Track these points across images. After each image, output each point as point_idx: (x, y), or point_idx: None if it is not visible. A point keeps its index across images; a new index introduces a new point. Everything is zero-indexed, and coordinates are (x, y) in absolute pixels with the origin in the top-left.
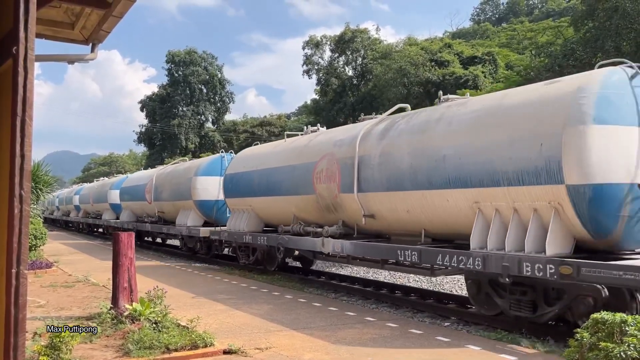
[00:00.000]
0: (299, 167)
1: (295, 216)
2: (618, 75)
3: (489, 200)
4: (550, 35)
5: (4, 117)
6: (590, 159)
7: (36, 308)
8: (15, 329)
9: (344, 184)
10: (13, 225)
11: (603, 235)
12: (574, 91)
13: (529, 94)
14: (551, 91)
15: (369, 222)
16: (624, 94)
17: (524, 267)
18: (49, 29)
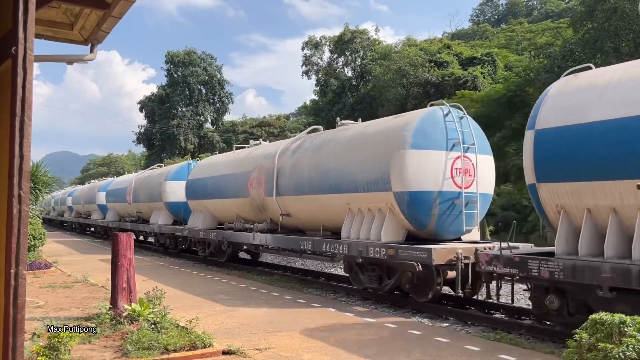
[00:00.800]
0: (239, 175)
1: (238, 215)
2: (434, 113)
3: (354, 202)
4: (549, 36)
5: (3, 117)
6: (407, 174)
7: (35, 309)
8: (14, 329)
9: (268, 189)
10: (12, 225)
11: (422, 228)
12: (402, 125)
13: (380, 125)
14: (392, 123)
15: (286, 220)
16: (437, 127)
17: (369, 251)
18: (48, 29)
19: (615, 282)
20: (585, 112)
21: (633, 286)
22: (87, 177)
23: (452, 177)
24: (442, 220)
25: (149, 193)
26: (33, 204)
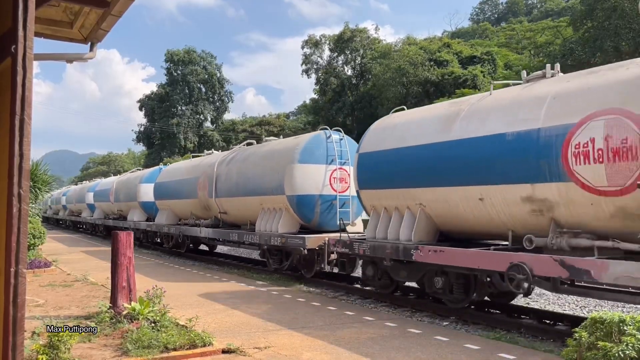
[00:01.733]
0: (191, 179)
1: (191, 213)
2: (318, 136)
3: (264, 203)
4: (549, 35)
5: (2, 116)
6: (295, 182)
7: (35, 307)
8: (14, 328)
9: (210, 192)
10: (12, 224)
11: (308, 222)
12: (295, 144)
13: (283, 144)
14: (289, 143)
15: (224, 216)
16: (320, 147)
17: (272, 240)
18: (47, 28)
19: (392, 255)
20: (383, 142)
21: (400, 257)
22: (86, 176)
23: (330, 184)
24: (323, 216)
25: (127, 193)
26: (33, 202)
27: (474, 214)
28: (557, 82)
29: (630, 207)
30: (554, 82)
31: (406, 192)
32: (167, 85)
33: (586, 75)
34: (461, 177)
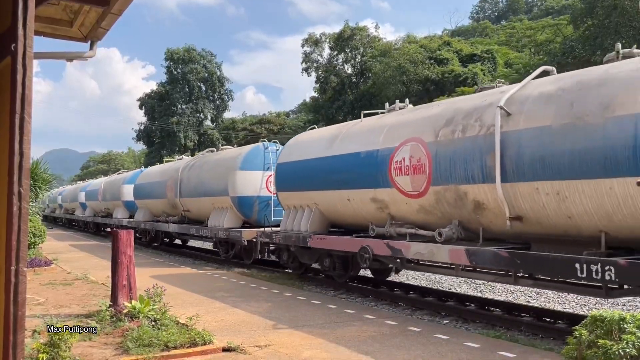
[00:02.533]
0: (162, 182)
1: (163, 211)
2: (257, 147)
3: (215, 202)
4: (549, 33)
5: (2, 114)
6: (237, 185)
7: (35, 306)
8: (15, 326)
9: (175, 192)
10: (12, 222)
11: (249, 218)
12: (237, 154)
13: (229, 153)
14: (233, 153)
15: (187, 214)
16: (258, 156)
17: (219, 233)
18: (47, 27)
19: (296, 242)
20: (293, 155)
21: (301, 244)
22: (87, 175)
23: (266, 187)
24: (261, 214)
25: (113, 193)
26: (33, 201)
27: (346, 211)
28: (396, 115)
29: (425, 205)
30: (395, 114)
31: (306, 194)
32: (167, 83)
33: (409, 112)
34: (337, 183)
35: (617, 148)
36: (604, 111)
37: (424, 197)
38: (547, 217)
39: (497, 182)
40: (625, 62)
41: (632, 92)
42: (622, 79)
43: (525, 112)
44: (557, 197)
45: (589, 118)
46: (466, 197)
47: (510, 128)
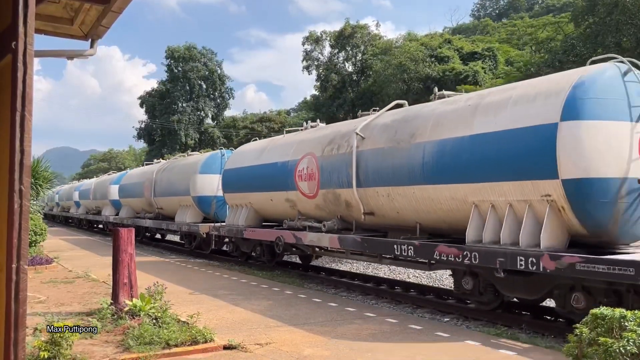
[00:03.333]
0: (140, 182)
1: (142, 208)
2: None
3: (179, 202)
4: (550, 31)
5: (3, 112)
6: (197, 186)
7: (36, 304)
8: (16, 324)
9: (150, 192)
10: (13, 220)
11: (208, 214)
12: (198, 160)
13: (191, 159)
14: (193, 159)
15: (161, 211)
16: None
17: (183, 227)
18: (48, 25)
19: (236, 235)
20: (235, 163)
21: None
22: (87, 173)
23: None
24: (218, 211)
25: (102, 192)
26: (34, 199)
27: (271, 209)
28: (305, 132)
29: (318, 204)
30: (305, 132)
31: (243, 195)
32: (167, 82)
33: (314, 131)
34: (264, 186)
35: (415, 164)
36: (410, 138)
37: (316, 198)
38: (386, 212)
39: (354, 187)
40: (431, 103)
41: (425, 125)
42: (423, 116)
43: (371, 137)
44: (388, 198)
45: (403, 143)
46: (340, 198)
47: (362, 148)
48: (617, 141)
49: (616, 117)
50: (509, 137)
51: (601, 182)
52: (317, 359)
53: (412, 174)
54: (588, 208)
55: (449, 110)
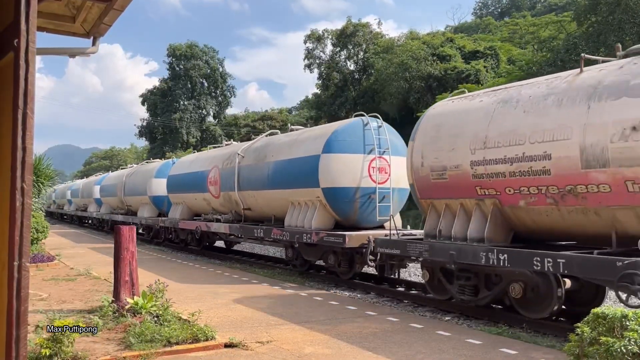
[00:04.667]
0: (115, 184)
1: (117, 206)
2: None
3: (140, 200)
4: (552, 29)
5: (5, 110)
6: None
7: (38, 301)
8: (17, 321)
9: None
10: (15, 218)
11: (161, 210)
12: (154, 166)
13: (149, 165)
14: (150, 166)
15: (129, 208)
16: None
17: (142, 221)
18: (50, 22)
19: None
20: (178, 170)
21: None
22: (89, 171)
23: None
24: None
25: (88, 192)
26: (36, 197)
27: (197, 205)
28: (216, 150)
29: (221, 202)
30: (217, 150)
31: (180, 195)
32: (169, 79)
33: (224, 148)
34: (191, 189)
35: (265, 176)
36: (265, 159)
37: (219, 198)
38: (256, 207)
39: (236, 190)
40: (281, 135)
41: (271, 151)
42: (272, 144)
43: (247, 156)
44: (256, 198)
45: (261, 162)
46: (231, 198)
47: (242, 164)
48: (353, 165)
49: (354, 150)
50: (302, 161)
51: (343, 189)
52: (318, 357)
53: (264, 183)
54: (339, 205)
55: (284, 141)
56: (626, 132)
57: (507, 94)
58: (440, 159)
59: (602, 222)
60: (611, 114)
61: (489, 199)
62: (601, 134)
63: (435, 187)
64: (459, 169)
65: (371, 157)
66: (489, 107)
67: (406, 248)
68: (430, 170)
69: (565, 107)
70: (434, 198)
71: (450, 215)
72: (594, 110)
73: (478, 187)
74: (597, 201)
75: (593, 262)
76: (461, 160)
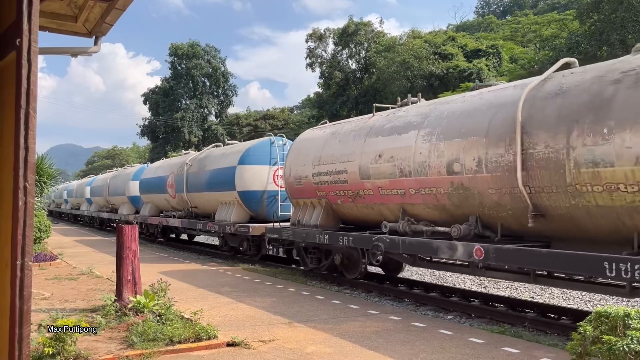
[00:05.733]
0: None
1: (103, 205)
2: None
3: (120, 199)
4: (555, 28)
5: (7, 109)
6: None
7: (41, 300)
8: (20, 320)
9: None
10: (17, 217)
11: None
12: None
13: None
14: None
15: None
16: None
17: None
18: (52, 22)
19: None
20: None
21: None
22: (91, 170)
23: None
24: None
25: (81, 192)
26: (38, 196)
27: (162, 204)
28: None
29: (177, 201)
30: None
31: (147, 196)
32: (171, 79)
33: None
34: (155, 190)
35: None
36: (204, 167)
37: (175, 199)
38: (200, 206)
39: (185, 192)
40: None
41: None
42: (210, 156)
43: (193, 165)
44: (199, 198)
45: (201, 170)
46: (183, 198)
47: (190, 171)
48: (261, 174)
49: (262, 163)
50: (226, 170)
51: (253, 192)
52: (320, 356)
53: (203, 186)
54: (250, 204)
55: (216, 154)
56: (376, 157)
57: (335, 128)
58: (298, 172)
59: (375, 213)
60: (372, 146)
61: (323, 198)
62: (368, 158)
63: (297, 190)
64: (307, 178)
65: (275, 168)
66: (325, 136)
67: (281, 233)
68: (294, 179)
69: (355, 140)
70: (296, 198)
71: (305, 210)
72: (367, 143)
73: (317, 191)
74: (369, 200)
75: (361, 238)
76: (308, 172)
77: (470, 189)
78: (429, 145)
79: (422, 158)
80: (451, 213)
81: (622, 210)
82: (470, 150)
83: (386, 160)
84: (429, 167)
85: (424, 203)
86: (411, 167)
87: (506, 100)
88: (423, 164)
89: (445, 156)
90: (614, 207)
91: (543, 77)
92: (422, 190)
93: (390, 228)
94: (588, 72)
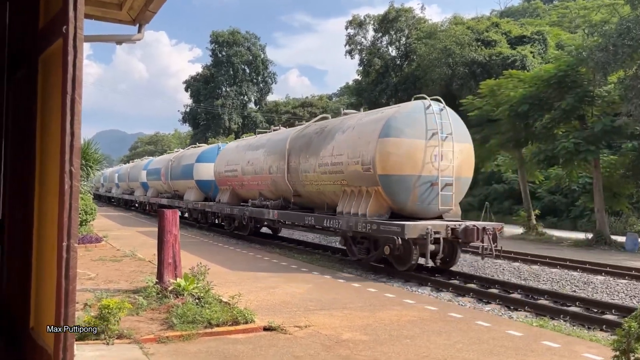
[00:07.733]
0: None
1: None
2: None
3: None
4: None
5: (54, 96)
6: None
7: (87, 280)
8: (66, 300)
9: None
10: (64, 200)
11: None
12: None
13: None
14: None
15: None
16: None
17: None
18: (97, 10)
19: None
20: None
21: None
22: (135, 155)
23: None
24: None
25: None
26: (84, 180)
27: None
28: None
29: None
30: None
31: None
32: (212, 66)
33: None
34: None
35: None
36: (181, 161)
37: (165, 184)
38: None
39: (169, 180)
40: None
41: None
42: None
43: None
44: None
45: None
46: (170, 185)
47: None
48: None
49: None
50: None
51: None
52: (355, 343)
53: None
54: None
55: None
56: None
57: (238, 142)
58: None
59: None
60: (246, 156)
61: (230, 186)
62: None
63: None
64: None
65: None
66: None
67: None
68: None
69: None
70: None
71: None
72: (245, 154)
73: (227, 181)
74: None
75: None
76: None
77: (277, 182)
78: (264, 157)
79: (262, 164)
80: (273, 194)
81: (319, 193)
82: (275, 161)
83: (250, 165)
84: (263, 170)
85: (266, 189)
86: (258, 169)
87: (285, 137)
88: (262, 167)
89: (269, 163)
90: (318, 192)
91: (304, 126)
92: (263, 182)
93: (251, 203)
94: (312, 127)
